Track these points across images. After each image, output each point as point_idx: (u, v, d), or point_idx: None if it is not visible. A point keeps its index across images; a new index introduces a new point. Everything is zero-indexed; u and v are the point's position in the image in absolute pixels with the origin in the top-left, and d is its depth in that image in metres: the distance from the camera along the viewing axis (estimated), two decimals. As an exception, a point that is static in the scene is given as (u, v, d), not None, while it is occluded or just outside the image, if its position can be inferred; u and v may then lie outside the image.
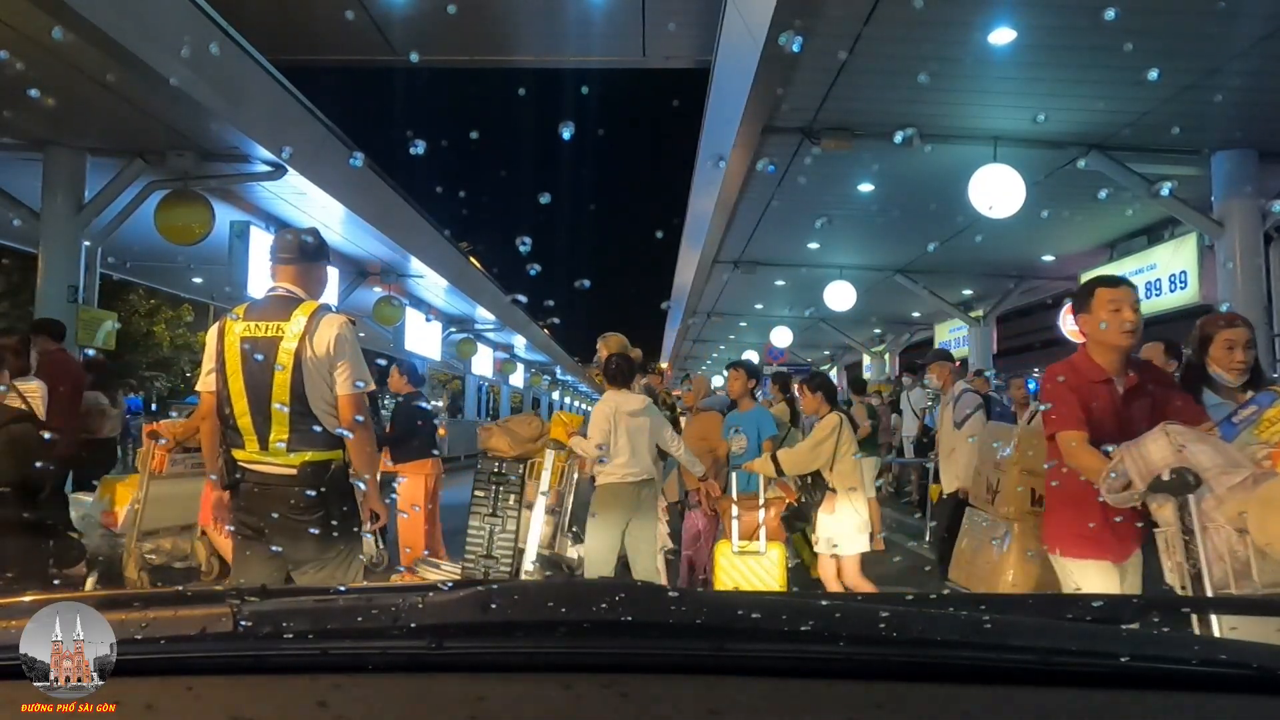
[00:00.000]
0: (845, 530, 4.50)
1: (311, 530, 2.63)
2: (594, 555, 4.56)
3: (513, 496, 5.04)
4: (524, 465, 5.05)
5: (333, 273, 11.70)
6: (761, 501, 5.10)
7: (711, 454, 5.37)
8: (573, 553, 5.96)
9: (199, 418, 2.93)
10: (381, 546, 4.29)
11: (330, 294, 11.61)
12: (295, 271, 2.84)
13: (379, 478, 2.95)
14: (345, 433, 2.71)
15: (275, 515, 2.65)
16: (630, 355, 5.05)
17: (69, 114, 6.87)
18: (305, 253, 2.86)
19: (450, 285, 15.10)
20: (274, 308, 2.74)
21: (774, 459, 4.63)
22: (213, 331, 2.80)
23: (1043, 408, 2.85)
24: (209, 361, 2.77)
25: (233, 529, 2.80)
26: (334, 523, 2.65)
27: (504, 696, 0.75)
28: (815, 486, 4.58)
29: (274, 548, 2.71)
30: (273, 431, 2.63)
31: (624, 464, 4.56)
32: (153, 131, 7.43)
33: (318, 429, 2.66)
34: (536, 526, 4.85)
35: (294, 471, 2.63)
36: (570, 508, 5.93)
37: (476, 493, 5.08)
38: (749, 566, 5.04)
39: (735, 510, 5.12)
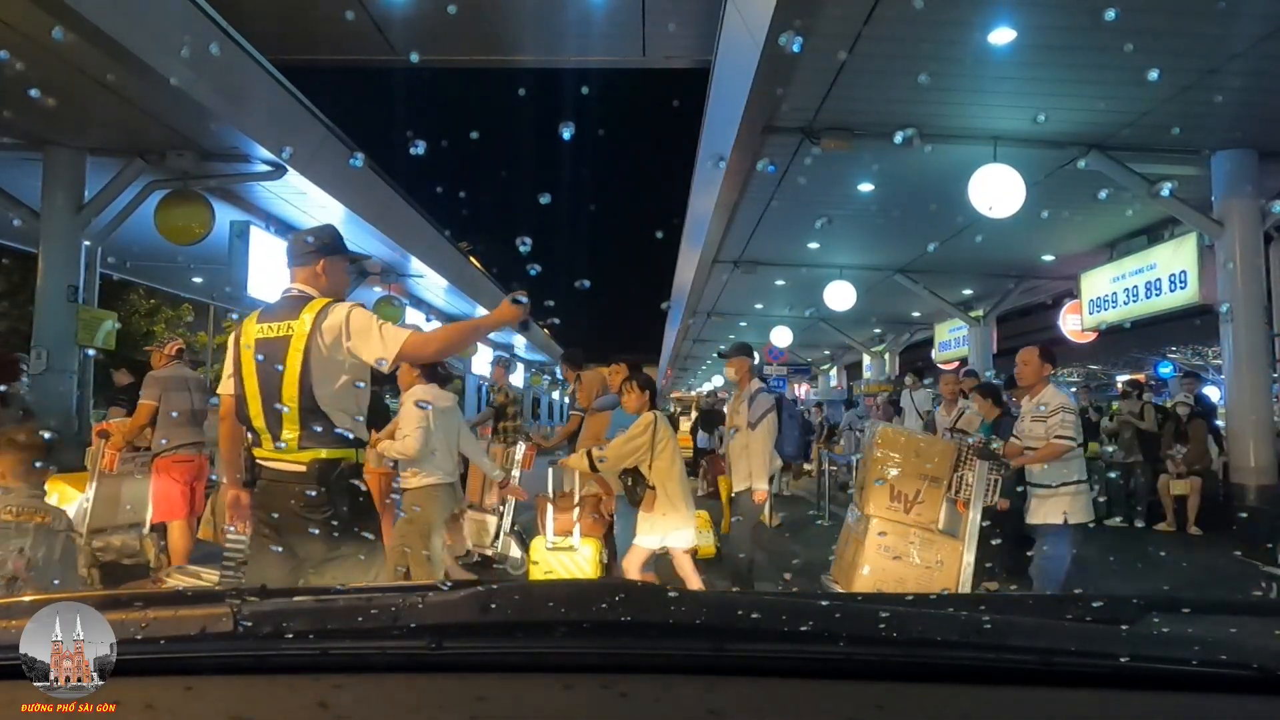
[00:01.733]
0: (666, 527, 4.47)
1: (317, 529, 2.63)
2: (424, 563, 4.23)
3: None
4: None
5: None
6: (576, 499, 5.12)
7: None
8: (516, 552, 5.94)
9: (220, 418, 2.94)
10: None
11: (330, 294, 11.66)
12: (307, 273, 2.83)
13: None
14: (343, 432, 2.70)
15: (285, 512, 2.66)
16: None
17: (69, 114, 6.87)
18: (313, 251, 2.84)
19: (450, 285, 15.11)
20: (286, 308, 2.75)
21: (589, 455, 4.55)
22: (231, 336, 2.84)
23: None
24: (228, 365, 2.80)
25: (251, 527, 2.83)
26: (341, 522, 2.65)
27: (504, 696, 0.75)
28: (635, 484, 4.55)
29: (285, 545, 2.71)
30: (284, 429, 2.64)
31: (439, 465, 4.36)
32: (153, 131, 7.43)
33: (327, 427, 2.65)
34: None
35: (303, 469, 2.64)
36: (515, 506, 5.91)
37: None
38: (560, 562, 5.09)
39: (550, 509, 5.17)
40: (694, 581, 4.54)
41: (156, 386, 5.59)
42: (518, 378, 30.80)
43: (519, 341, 25.50)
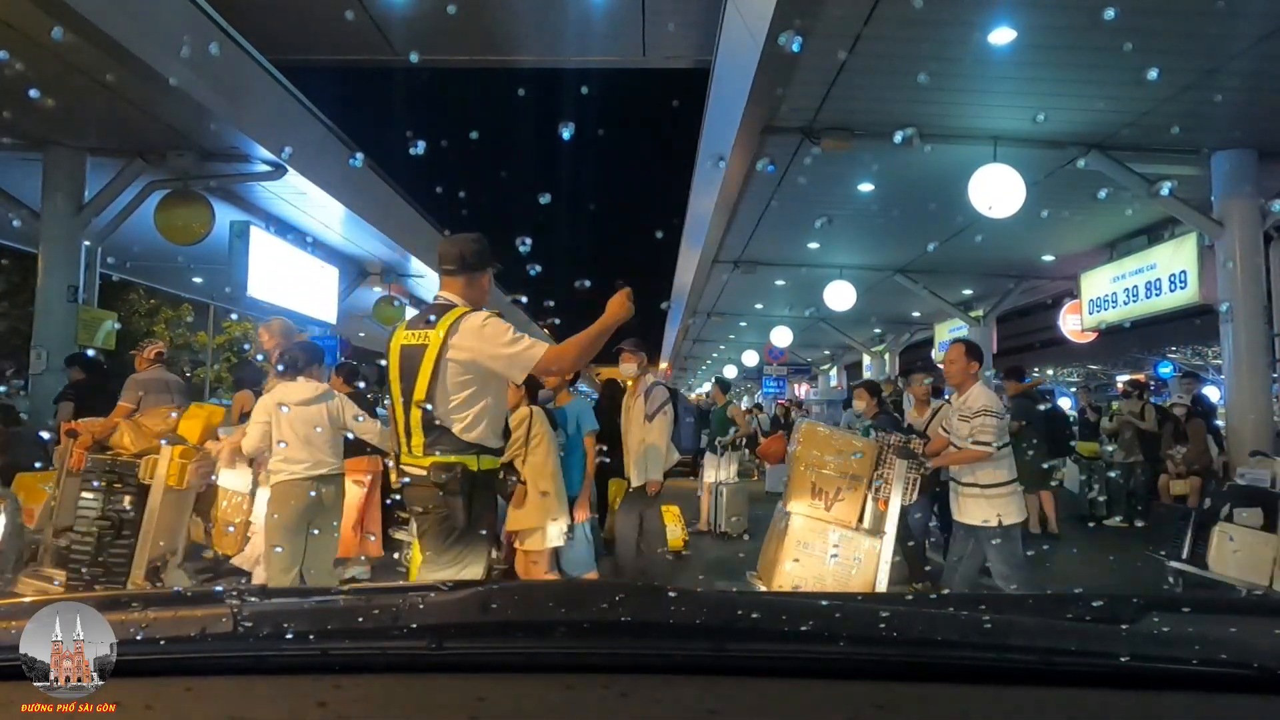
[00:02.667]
0: (533, 522, 4.43)
1: (438, 527, 2.77)
2: (276, 562, 4.19)
3: (128, 498, 4.45)
4: (143, 464, 4.54)
5: (333, 272, 11.75)
6: None
7: None
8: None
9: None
10: None
11: (330, 294, 11.68)
12: (456, 283, 2.93)
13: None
14: (468, 439, 2.80)
15: (415, 511, 2.86)
16: (295, 338, 4.78)
17: (69, 114, 6.87)
18: (466, 264, 2.92)
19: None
20: (424, 316, 2.87)
21: None
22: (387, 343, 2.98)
23: None
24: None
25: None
26: (455, 523, 2.75)
27: (504, 697, 0.74)
28: (506, 478, 4.58)
29: (422, 540, 2.90)
30: (414, 433, 2.78)
31: (293, 458, 4.24)
32: (153, 131, 7.43)
33: (448, 433, 2.75)
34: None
35: (424, 471, 2.76)
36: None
37: (84, 495, 4.49)
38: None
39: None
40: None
41: (136, 389, 5.59)
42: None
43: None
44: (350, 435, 4.51)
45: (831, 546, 4.54)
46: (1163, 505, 7.62)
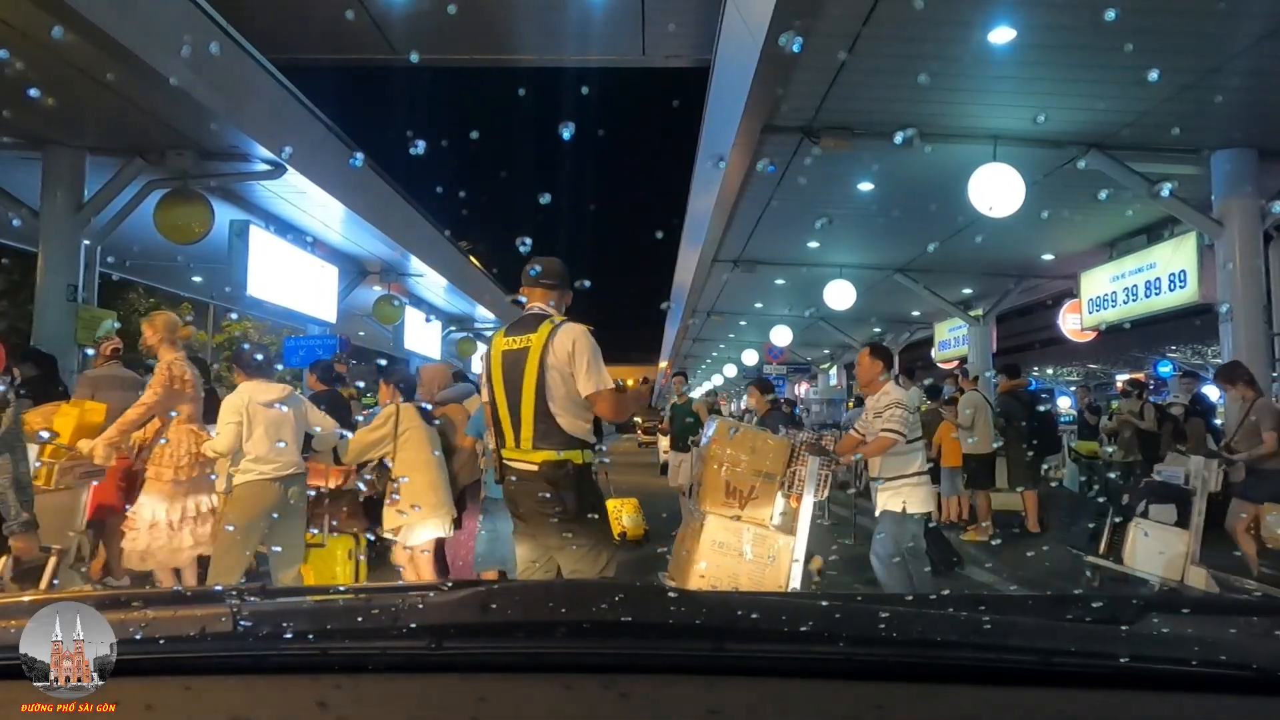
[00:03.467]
0: (413, 519, 4.46)
1: (553, 520, 3.01)
2: (224, 557, 4.23)
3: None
4: None
5: (332, 271, 11.75)
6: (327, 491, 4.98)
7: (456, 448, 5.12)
8: None
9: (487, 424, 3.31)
10: None
11: (330, 293, 11.67)
12: (554, 295, 3.28)
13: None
14: (571, 434, 3.06)
15: (527, 506, 3.09)
16: (180, 333, 4.76)
17: (69, 113, 6.87)
18: (564, 282, 3.32)
19: (450, 284, 15.10)
20: (527, 324, 3.18)
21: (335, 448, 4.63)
22: (486, 351, 3.32)
23: None
24: (484, 376, 3.25)
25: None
26: (570, 515, 3.00)
27: (504, 697, 0.74)
28: (380, 476, 4.62)
29: (530, 534, 3.15)
30: (522, 431, 3.05)
31: (263, 459, 4.25)
32: (152, 131, 7.43)
33: (556, 430, 3.03)
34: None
35: (535, 467, 3.03)
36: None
37: None
38: (311, 558, 4.90)
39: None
40: (427, 578, 4.61)
41: (88, 386, 5.60)
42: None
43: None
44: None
45: (745, 545, 4.54)
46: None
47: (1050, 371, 29.37)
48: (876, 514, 4.87)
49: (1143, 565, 5.59)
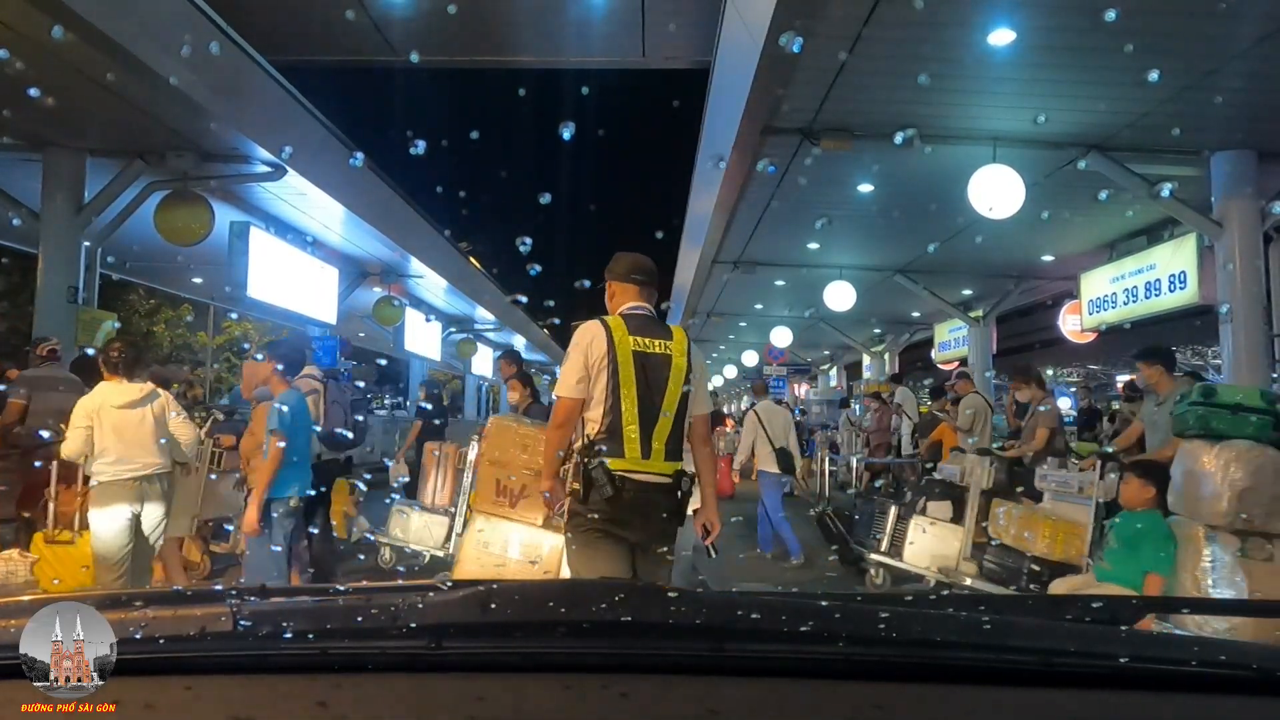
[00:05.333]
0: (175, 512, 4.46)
1: (670, 532, 2.89)
2: (105, 549, 4.26)
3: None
4: None
5: (333, 273, 11.75)
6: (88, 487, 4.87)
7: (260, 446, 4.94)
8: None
9: (553, 426, 2.99)
10: None
11: (330, 294, 11.67)
12: (646, 293, 3.09)
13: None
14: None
15: (647, 518, 2.83)
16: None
17: (69, 114, 6.87)
18: (652, 283, 3.13)
19: (450, 285, 15.10)
20: (651, 326, 2.97)
21: None
22: (591, 341, 2.88)
23: None
24: (579, 370, 2.88)
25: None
26: (679, 525, 2.92)
27: (503, 696, 0.74)
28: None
29: (635, 547, 2.88)
30: (654, 442, 2.83)
31: (115, 461, 4.25)
32: (153, 132, 7.43)
33: (681, 440, 2.92)
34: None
35: (669, 480, 2.86)
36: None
37: None
38: (57, 556, 4.86)
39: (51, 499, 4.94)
40: (178, 575, 4.60)
41: (26, 385, 5.64)
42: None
43: (518, 341, 25.51)
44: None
45: (512, 545, 4.49)
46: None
47: (1050, 372, 29.35)
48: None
49: (920, 560, 5.81)
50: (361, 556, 6.77)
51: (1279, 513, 3.91)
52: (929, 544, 5.85)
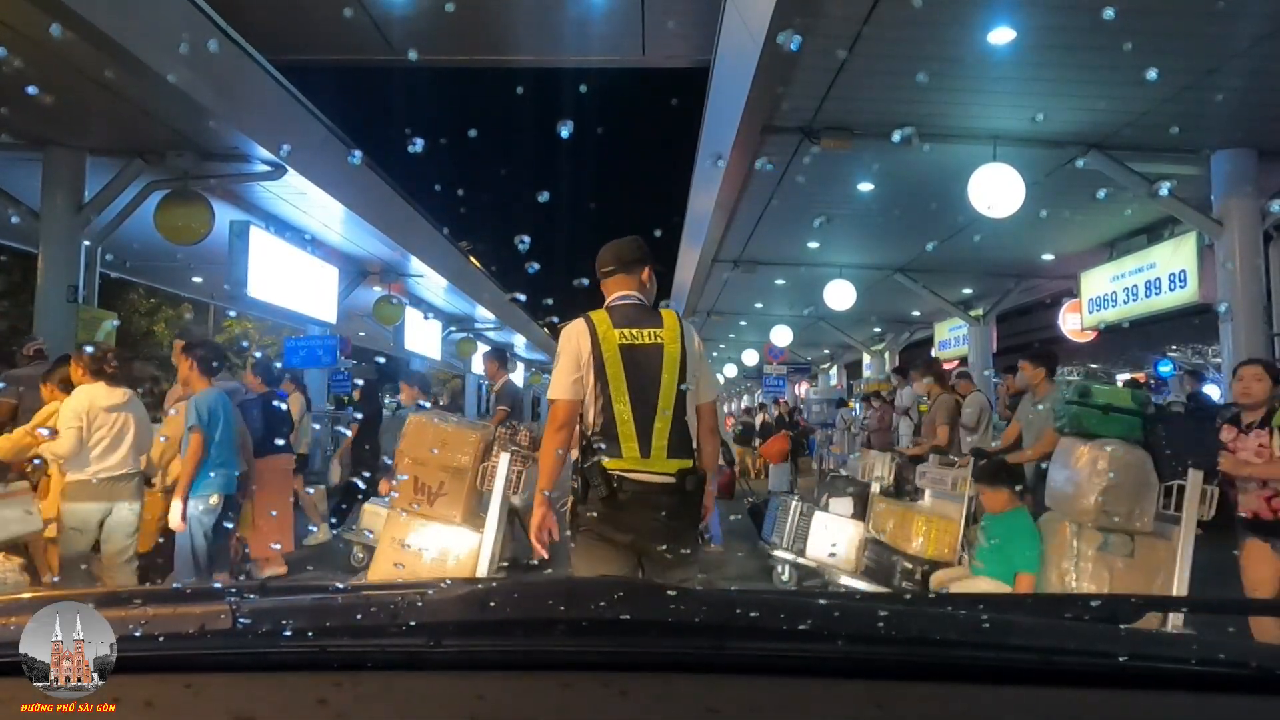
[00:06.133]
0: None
1: (681, 534, 2.72)
2: (70, 546, 4.32)
3: None
4: None
5: (333, 272, 11.75)
6: None
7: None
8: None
9: (551, 429, 2.80)
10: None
11: (330, 293, 11.67)
12: (634, 280, 2.89)
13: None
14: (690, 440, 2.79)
15: (647, 521, 2.68)
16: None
17: (69, 114, 6.86)
18: (640, 260, 2.91)
19: (450, 284, 15.11)
20: (640, 316, 2.78)
21: None
22: (577, 340, 2.75)
23: None
24: (571, 370, 2.74)
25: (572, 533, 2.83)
26: (693, 527, 2.78)
27: (503, 694, 0.74)
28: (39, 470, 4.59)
29: (638, 553, 2.75)
30: (654, 439, 2.67)
31: (98, 459, 4.30)
32: (152, 131, 7.43)
33: (688, 436, 2.74)
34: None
35: (672, 479, 2.69)
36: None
37: None
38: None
39: None
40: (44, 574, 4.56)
41: (13, 384, 5.67)
42: (517, 377, 30.78)
43: (519, 341, 25.51)
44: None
45: (428, 543, 4.47)
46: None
47: (1050, 371, 29.24)
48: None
49: (822, 555, 5.88)
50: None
51: (1142, 510, 3.98)
52: (829, 539, 5.91)
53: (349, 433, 8.72)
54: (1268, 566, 3.78)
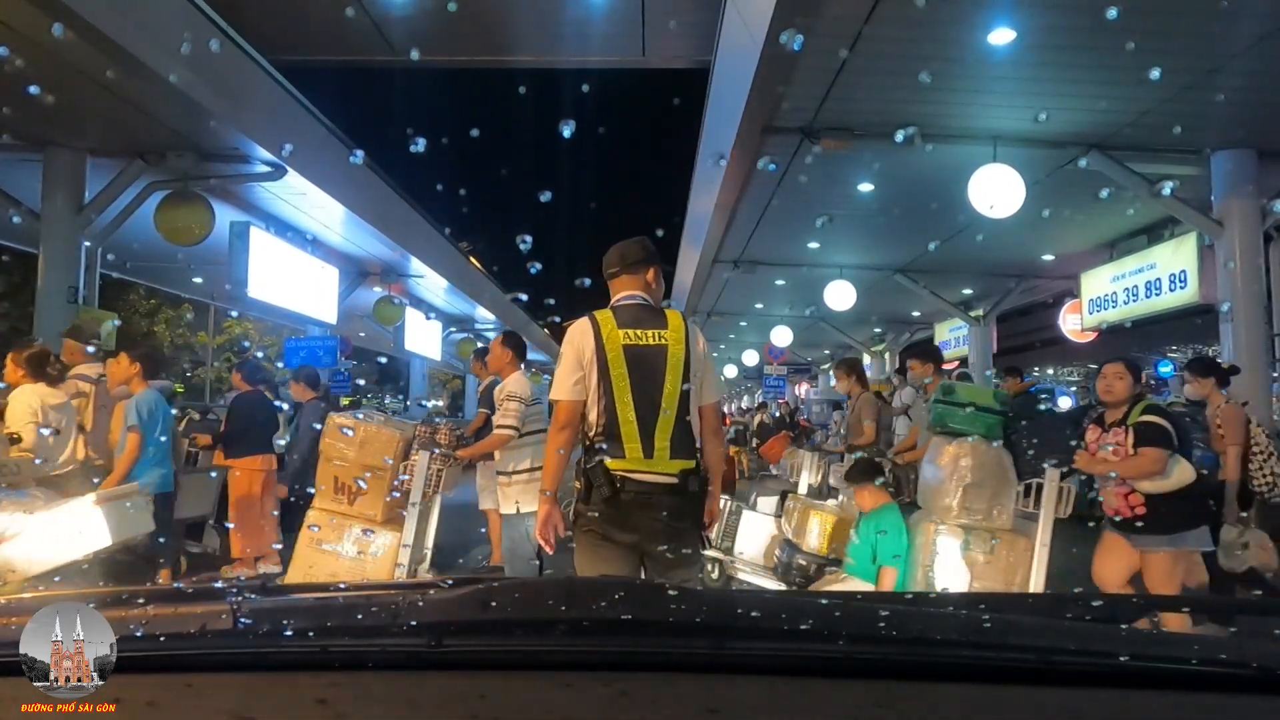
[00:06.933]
0: None
1: (683, 535, 2.72)
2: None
3: None
4: None
5: (333, 272, 11.76)
6: None
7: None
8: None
9: (554, 430, 2.81)
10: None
11: (330, 294, 11.68)
12: (639, 280, 2.88)
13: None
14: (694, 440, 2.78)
15: (649, 522, 2.67)
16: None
17: (69, 114, 6.86)
18: (646, 260, 2.90)
19: (450, 285, 15.11)
20: (644, 316, 2.78)
21: None
22: (581, 339, 2.75)
23: None
24: (574, 370, 2.73)
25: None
26: (696, 527, 2.77)
27: (504, 694, 0.74)
28: None
29: (641, 554, 2.74)
30: (656, 440, 2.67)
31: (42, 457, 4.32)
32: (152, 132, 7.43)
33: (691, 437, 2.74)
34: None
35: (675, 480, 2.68)
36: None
37: None
38: None
39: None
40: None
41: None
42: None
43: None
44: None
45: (347, 542, 4.46)
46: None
47: (1051, 371, 29.36)
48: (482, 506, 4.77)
49: (748, 552, 5.93)
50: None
51: (1001, 508, 4.03)
52: (754, 536, 5.96)
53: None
54: (1119, 560, 3.89)
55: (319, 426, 6.21)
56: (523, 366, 4.96)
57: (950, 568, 4.03)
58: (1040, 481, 3.93)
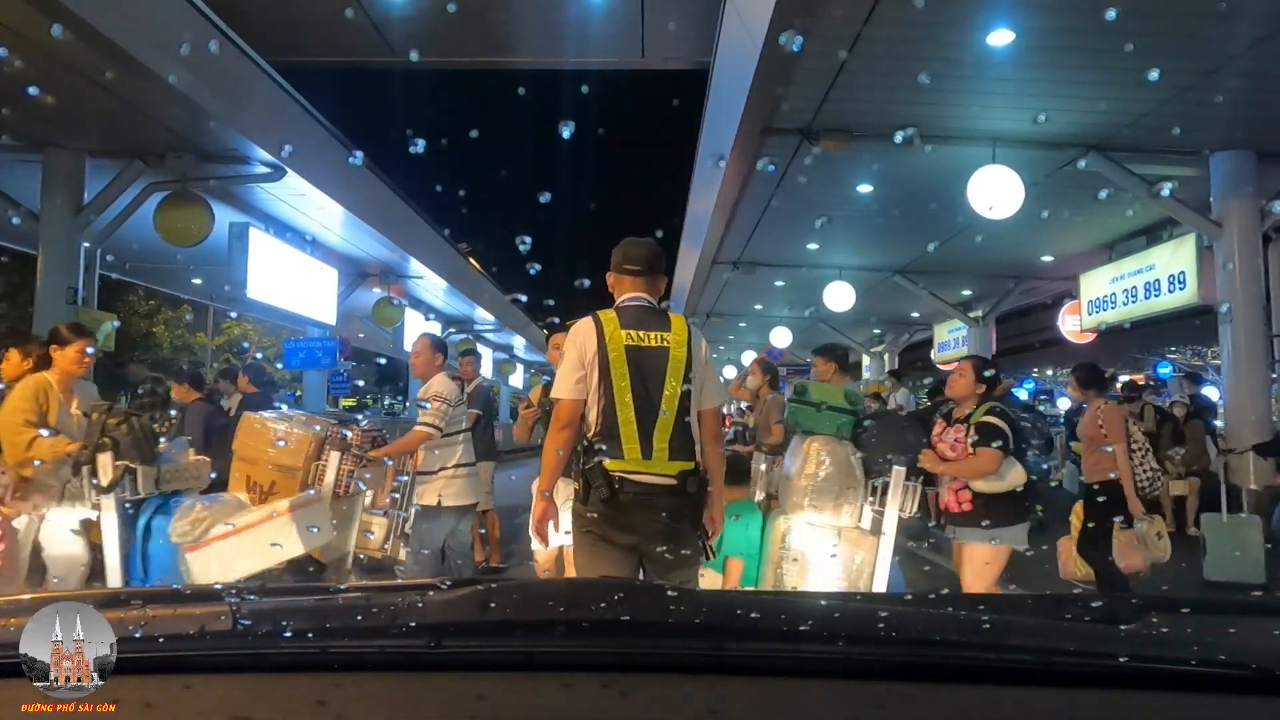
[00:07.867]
0: None
1: (681, 536, 2.73)
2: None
3: None
4: None
5: (332, 273, 11.75)
6: None
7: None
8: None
9: (554, 429, 2.80)
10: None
11: (330, 295, 11.67)
12: (645, 282, 2.89)
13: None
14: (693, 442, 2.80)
15: (648, 523, 2.68)
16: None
17: (68, 115, 6.86)
18: (658, 268, 2.93)
19: (449, 286, 15.11)
20: (648, 317, 2.80)
21: None
22: (584, 339, 2.76)
23: None
24: (575, 369, 2.75)
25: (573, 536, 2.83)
26: (695, 529, 2.78)
27: (503, 695, 0.74)
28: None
29: (640, 555, 2.76)
30: (655, 441, 2.68)
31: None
32: (152, 133, 7.43)
33: (690, 439, 2.76)
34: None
35: (673, 481, 2.70)
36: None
37: None
38: None
39: None
40: None
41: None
42: (517, 378, 30.80)
43: (518, 342, 25.51)
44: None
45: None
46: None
47: (1050, 372, 29.35)
48: (417, 501, 4.79)
49: None
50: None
51: (848, 506, 4.07)
52: None
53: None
54: (965, 557, 4.07)
55: (203, 428, 6.25)
56: (447, 368, 4.97)
57: (795, 564, 4.09)
58: (887, 480, 3.97)
